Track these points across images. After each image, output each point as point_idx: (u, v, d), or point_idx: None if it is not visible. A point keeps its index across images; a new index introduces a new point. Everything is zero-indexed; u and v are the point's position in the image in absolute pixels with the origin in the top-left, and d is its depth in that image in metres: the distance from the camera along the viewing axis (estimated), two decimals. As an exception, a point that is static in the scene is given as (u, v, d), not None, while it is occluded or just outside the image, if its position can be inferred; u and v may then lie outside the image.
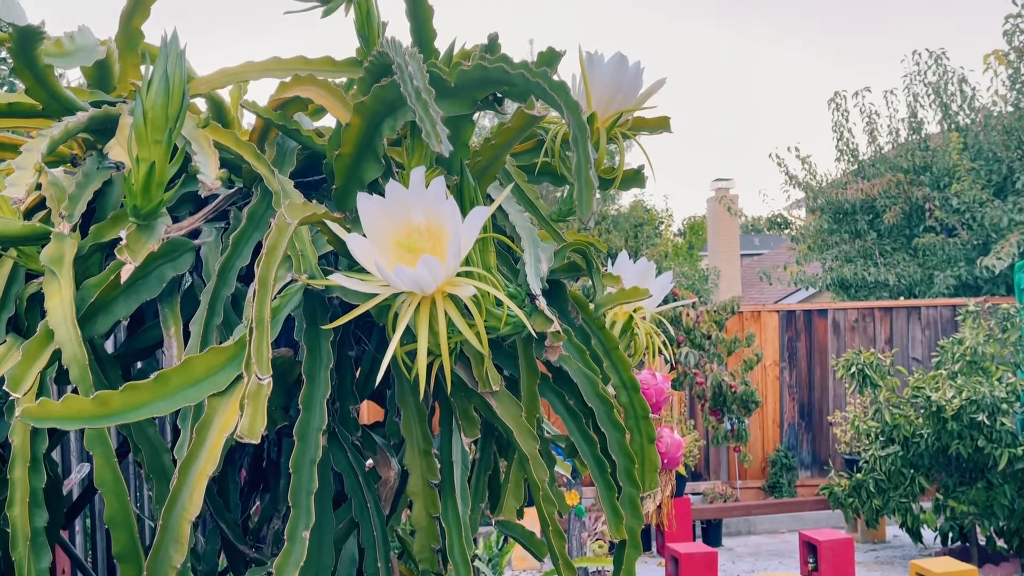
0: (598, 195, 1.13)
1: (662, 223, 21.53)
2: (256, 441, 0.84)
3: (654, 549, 7.33)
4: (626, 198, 17.64)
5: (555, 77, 0.97)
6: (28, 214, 1.13)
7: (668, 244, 20.12)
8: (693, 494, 8.34)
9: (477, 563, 4.93)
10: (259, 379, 0.87)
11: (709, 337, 7.78)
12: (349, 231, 0.97)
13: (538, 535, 1.41)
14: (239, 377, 0.91)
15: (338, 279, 0.95)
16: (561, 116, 0.98)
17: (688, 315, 7.76)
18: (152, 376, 0.90)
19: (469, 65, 0.99)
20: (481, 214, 0.92)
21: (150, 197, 0.99)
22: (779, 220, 15.53)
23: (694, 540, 7.30)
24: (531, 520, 1.40)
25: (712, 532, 7.81)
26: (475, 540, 4.94)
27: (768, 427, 9.08)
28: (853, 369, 6.70)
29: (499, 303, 0.99)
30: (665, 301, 1.50)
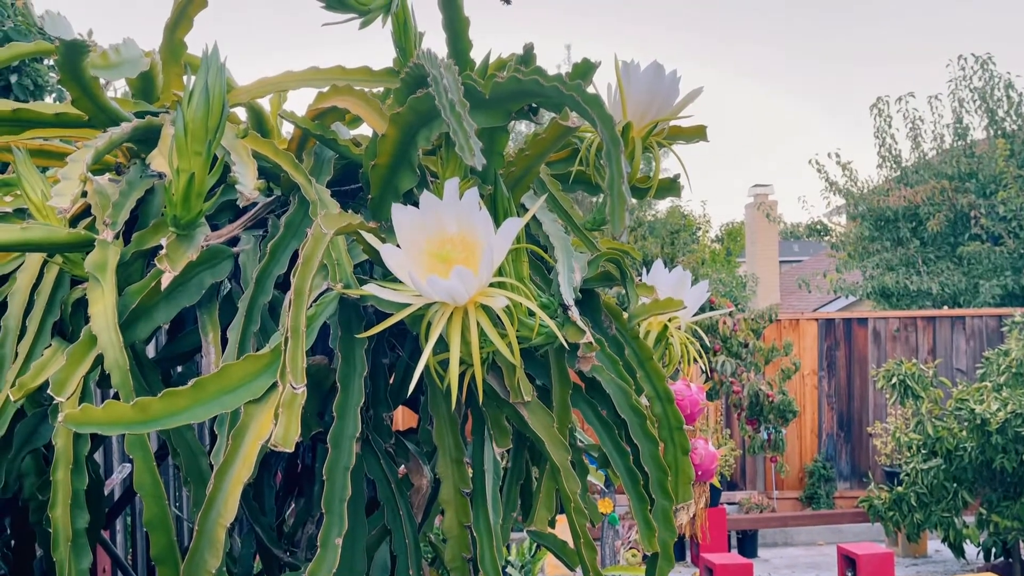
0: (634, 202, 1.13)
1: (699, 229, 21.34)
2: (290, 449, 0.85)
3: (688, 559, 7.26)
4: (663, 204, 17.51)
5: (590, 89, 0.97)
6: (73, 221, 1.15)
7: (705, 250, 19.93)
8: (729, 504, 8.24)
9: (510, 569, 4.92)
10: (294, 388, 0.88)
11: (746, 345, 7.69)
12: (384, 241, 0.97)
13: (570, 544, 1.40)
14: (275, 385, 0.92)
15: (372, 289, 0.96)
16: (595, 128, 0.98)
17: (725, 323, 7.69)
18: (190, 383, 0.91)
19: (503, 77, 0.99)
20: (514, 225, 0.92)
21: (189, 207, 1.01)
22: (819, 227, 15.29)
23: (729, 551, 7.22)
24: (564, 527, 1.39)
25: (748, 543, 7.71)
26: (508, 547, 4.94)
27: (806, 437, 8.95)
28: (894, 380, 6.58)
29: (532, 313, 0.99)
30: (702, 309, 1.49)
